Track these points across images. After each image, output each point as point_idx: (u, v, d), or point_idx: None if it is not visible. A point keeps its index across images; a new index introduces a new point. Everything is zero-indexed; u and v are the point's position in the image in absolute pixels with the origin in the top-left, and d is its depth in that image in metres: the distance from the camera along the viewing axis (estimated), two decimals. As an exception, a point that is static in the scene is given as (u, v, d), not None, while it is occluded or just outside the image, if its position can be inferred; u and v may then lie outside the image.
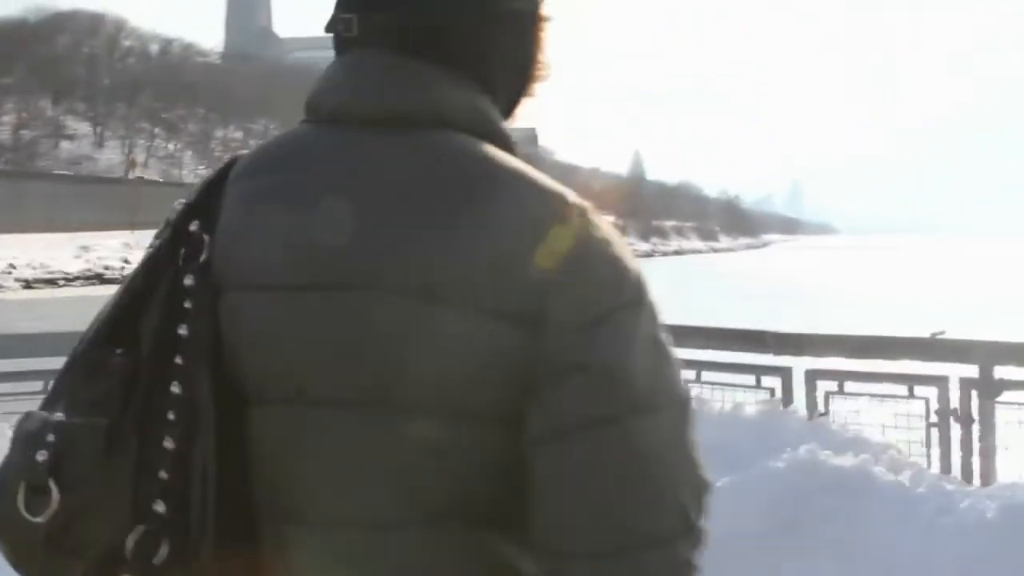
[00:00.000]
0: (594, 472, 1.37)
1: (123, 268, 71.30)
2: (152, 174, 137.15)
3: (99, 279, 74.66)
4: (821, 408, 8.18)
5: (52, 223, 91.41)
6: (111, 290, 1.69)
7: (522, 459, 1.40)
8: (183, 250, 1.57)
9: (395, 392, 1.42)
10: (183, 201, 1.62)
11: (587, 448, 1.37)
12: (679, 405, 1.41)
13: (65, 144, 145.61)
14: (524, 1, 1.66)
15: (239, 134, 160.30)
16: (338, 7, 1.66)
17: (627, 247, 1.48)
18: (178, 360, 1.48)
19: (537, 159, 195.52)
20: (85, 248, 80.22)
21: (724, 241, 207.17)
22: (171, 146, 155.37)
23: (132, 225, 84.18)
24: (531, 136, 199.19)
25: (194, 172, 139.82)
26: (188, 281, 1.53)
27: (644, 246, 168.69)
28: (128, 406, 1.44)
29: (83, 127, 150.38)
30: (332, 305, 1.46)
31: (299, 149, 1.61)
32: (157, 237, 1.61)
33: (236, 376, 1.52)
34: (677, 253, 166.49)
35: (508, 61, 1.64)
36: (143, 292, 1.55)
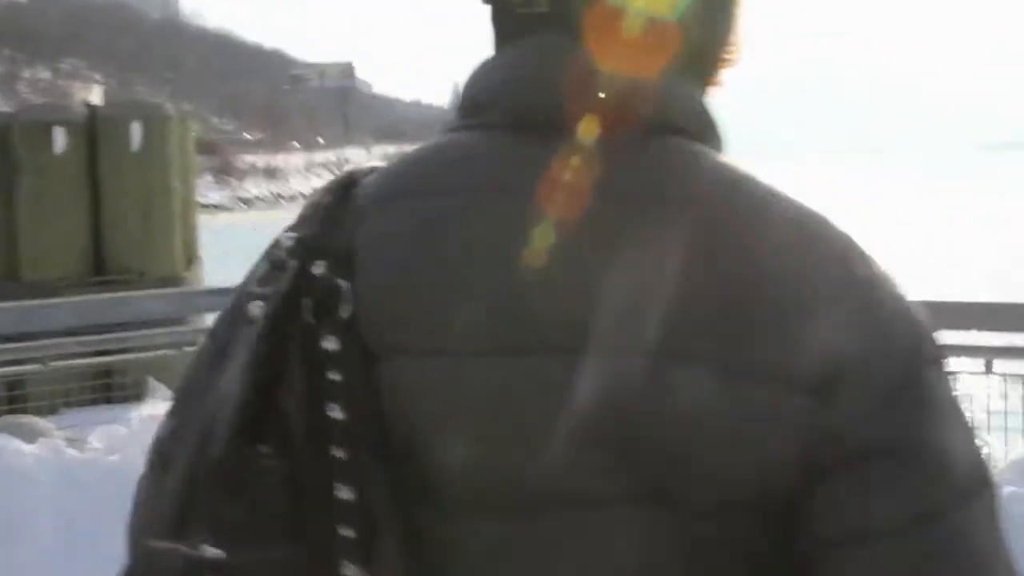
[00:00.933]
0: None
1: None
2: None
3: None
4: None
5: None
6: None
7: (775, 552, 1.16)
8: (311, 302, 1.19)
9: (670, 484, 1.13)
10: (291, 235, 1.23)
11: (904, 555, 1.12)
12: (992, 484, 1.16)
13: None
14: None
15: (47, 74, 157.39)
16: None
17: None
18: (338, 453, 1.16)
19: (355, 93, 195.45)
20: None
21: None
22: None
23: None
24: (347, 69, 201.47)
25: None
26: (330, 345, 1.18)
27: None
28: (297, 525, 1.15)
29: None
30: (560, 373, 1.13)
31: (469, 165, 1.22)
32: (260, 282, 1.24)
33: (415, 472, 1.19)
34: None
35: (710, 40, 1.29)
36: (270, 361, 1.18)
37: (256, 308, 1.20)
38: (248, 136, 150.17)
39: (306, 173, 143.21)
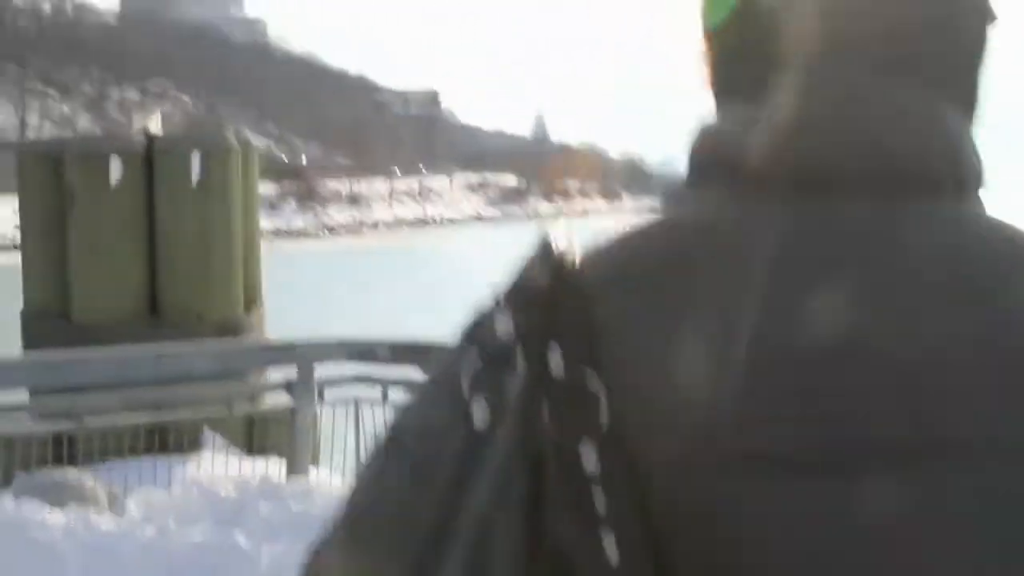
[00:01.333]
0: None
1: (14, 238, 67.13)
2: (46, 137, 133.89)
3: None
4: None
5: None
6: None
7: None
8: (555, 406, 0.99)
9: None
10: (509, 320, 1.01)
11: None
12: None
13: None
14: None
15: (135, 95, 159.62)
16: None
17: None
18: None
19: (439, 121, 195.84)
20: (-11, 209, 77.53)
21: (628, 201, 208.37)
22: (65, 108, 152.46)
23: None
24: (432, 97, 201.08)
25: (88, 133, 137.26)
26: (589, 462, 0.97)
27: (548, 207, 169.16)
28: None
29: None
30: (963, 485, 0.96)
31: (733, 235, 1.02)
32: (474, 382, 1.02)
33: None
34: (582, 213, 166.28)
35: (979, 75, 1.11)
36: (528, 489, 0.99)
37: (481, 415, 1.00)
38: (332, 162, 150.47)
39: (389, 200, 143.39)
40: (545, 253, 1.03)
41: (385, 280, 55.23)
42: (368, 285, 52.44)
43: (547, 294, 1.01)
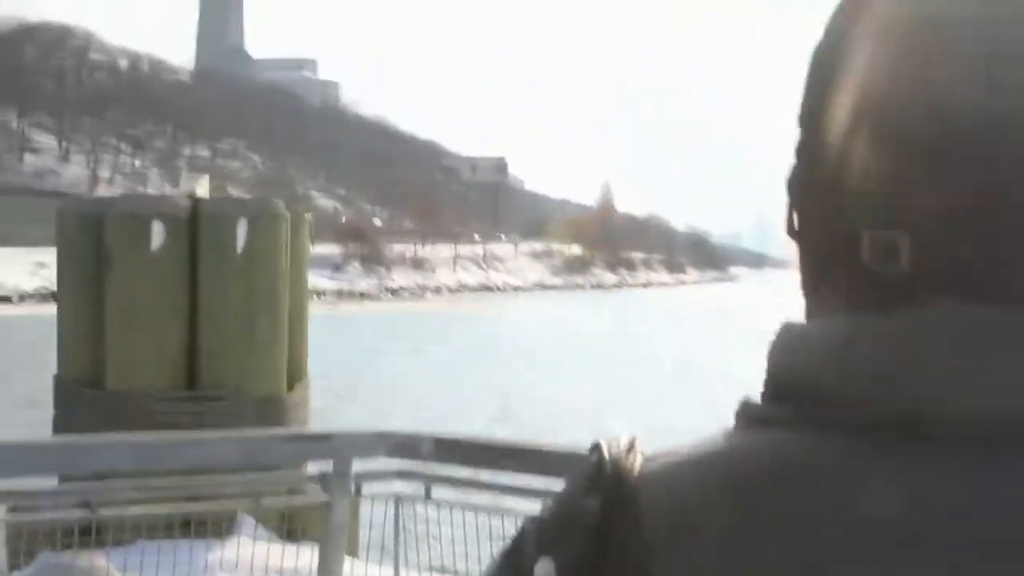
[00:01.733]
0: None
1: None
2: (117, 191, 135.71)
3: (54, 297, 74.63)
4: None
5: (7, 238, 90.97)
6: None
7: None
8: None
9: None
10: (547, 564, 0.96)
11: None
12: None
13: (29, 157, 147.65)
14: None
15: (206, 152, 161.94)
16: (858, 214, 0.93)
17: None
18: None
19: (506, 188, 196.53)
20: (41, 264, 78.79)
21: (691, 274, 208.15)
22: (137, 163, 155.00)
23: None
24: (501, 165, 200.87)
25: (160, 189, 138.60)
26: None
27: (612, 277, 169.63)
28: None
29: (48, 141, 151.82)
30: None
31: (828, 489, 0.89)
32: None
33: None
34: (645, 285, 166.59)
35: None
36: None
37: None
38: (399, 225, 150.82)
39: (453, 266, 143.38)
40: (598, 469, 0.97)
41: (443, 345, 54.68)
42: (426, 350, 51.93)
43: (596, 530, 0.95)
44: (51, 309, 11.88)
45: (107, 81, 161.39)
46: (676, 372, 43.03)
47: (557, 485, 0.83)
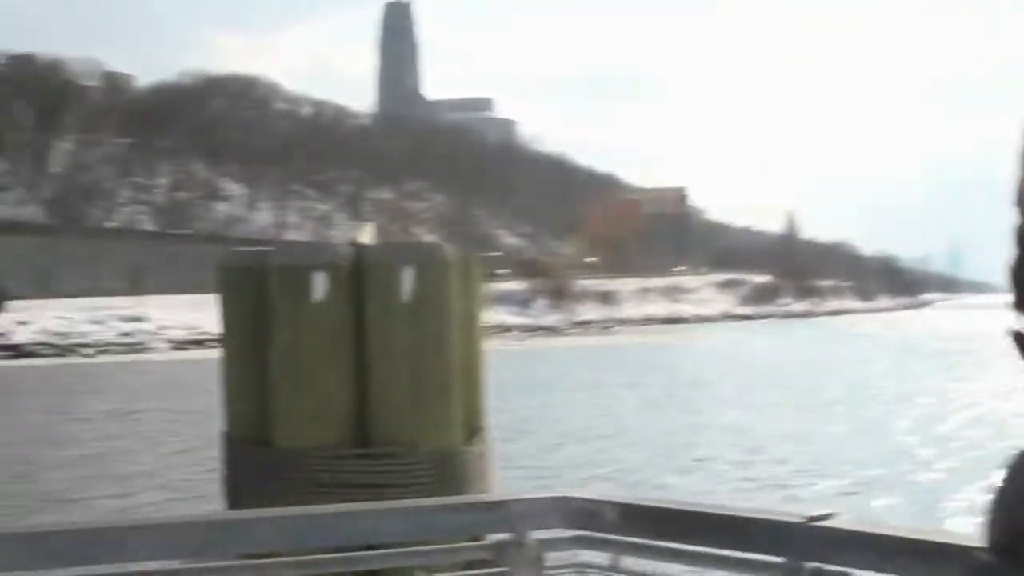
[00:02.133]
0: None
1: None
2: (304, 235, 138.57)
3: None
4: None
5: (201, 285, 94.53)
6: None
7: None
8: None
9: None
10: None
11: None
12: None
13: (219, 205, 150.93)
14: None
15: (390, 195, 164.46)
16: None
17: None
18: None
19: (687, 219, 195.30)
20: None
21: (882, 301, 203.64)
22: (323, 206, 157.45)
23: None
24: (680, 195, 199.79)
25: (346, 232, 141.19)
26: None
27: (800, 306, 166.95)
28: None
29: (236, 189, 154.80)
30: None
31: None
32: None
33: None
34: (835, 313, 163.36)
35: None
36: None
37: None
38: (583, 259, 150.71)
39: (639, 298, 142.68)
40: None
41: (634, 378, 53.77)
42: (615, 384, 51.06)
43: None
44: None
45: (291, 129, 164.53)
46: (892, 405, 39.89)
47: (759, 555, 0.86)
